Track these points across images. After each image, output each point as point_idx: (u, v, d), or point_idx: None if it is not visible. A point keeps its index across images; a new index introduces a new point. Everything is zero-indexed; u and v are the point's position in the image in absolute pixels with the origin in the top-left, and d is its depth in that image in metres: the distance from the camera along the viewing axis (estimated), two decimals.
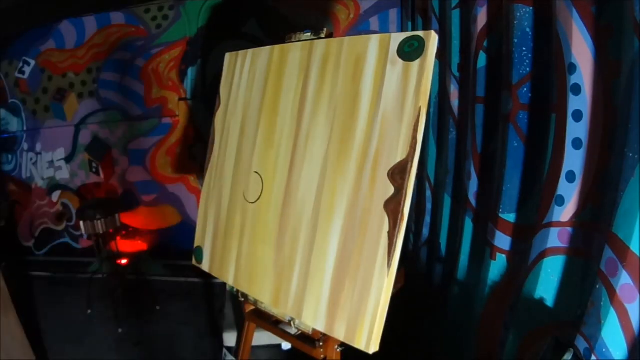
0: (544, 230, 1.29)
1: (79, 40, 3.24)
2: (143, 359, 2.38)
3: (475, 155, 1.74)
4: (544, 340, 1.25)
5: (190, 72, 3.08)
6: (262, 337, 1.82)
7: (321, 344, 1.24)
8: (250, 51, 1.36)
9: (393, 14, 2.77)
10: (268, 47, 1.30)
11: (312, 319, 1.08)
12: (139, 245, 3.34)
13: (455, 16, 1.88)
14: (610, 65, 1.10)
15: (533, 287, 1.32)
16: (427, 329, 2.17)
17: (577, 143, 1.19)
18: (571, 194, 1.22)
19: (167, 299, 2.95)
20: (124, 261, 3.11)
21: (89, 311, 2.82)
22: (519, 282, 1.40)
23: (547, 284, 1.29)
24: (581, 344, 1.06)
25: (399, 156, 0.96)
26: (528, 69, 1.40)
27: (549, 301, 1.29)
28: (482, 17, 1.64)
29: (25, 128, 3.47)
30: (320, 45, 1.16)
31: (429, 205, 2.28)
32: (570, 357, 1.08)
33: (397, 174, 0.95)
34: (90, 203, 2.97)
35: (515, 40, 1.40)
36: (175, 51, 3.09)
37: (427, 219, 2.29)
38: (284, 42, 1.27)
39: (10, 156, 3.56)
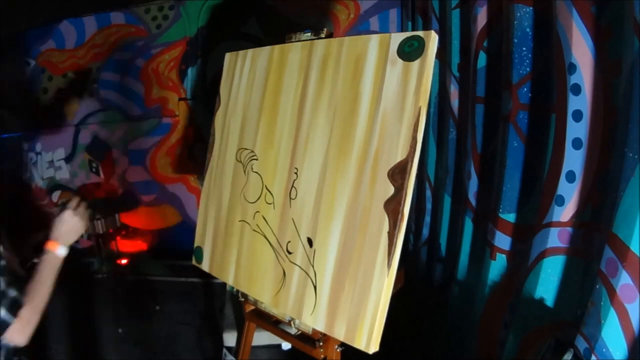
0: (544, 230, 1.29)
1: (79, 40, 3.24)
2: (143, 359, 2.38)
3: (475, 155, 1.74)
4: (544, 340, 1.25)
5: (190, 72, 3.08)
6: (262, 337, 1.82)
7: (321, 344, 1.24)
8: (250, 51, 1.36)
9: (393, 14, 2.77)
10: (268, 47, 1.30)
11: (312, 319, 1.07)
12: (139, 245, 3.34)
13: (455, 16, 1.88)
14: (610, 65, 1.10)
15: (533, 287, 1.32)
16: (427, 329, 2.17)
17: (577, 143, 1.19)
18: (571, 194, 1.22)
19: (167, 299, 2.94)
20: (124, 261, 3.11)
21: (89, 311, 2.82)
22: (519, 282, 1.40)
23: (547, 284, 1.29)
24: (581, 344, 1.06)
25: (399, 156, 0.96)
26: (528, 69, 1.40)
27: (549, 301, 1.29)
28: (482, 17, 1.64)
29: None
30: (320, 45, 1.16)
31: (429, 205, 2.28)
32: (570, 357, 1.08)
33: (397, 173, 0.95)
34: (90, 203, 2.97)
35: (515, 40, 1.40)
36: (175, 51, 3.08)
37: (427, 219, 2.29)
38: (284, 42, 1.27)
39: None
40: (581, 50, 1.15)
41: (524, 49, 1.39)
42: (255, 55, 1.34)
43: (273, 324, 1.41)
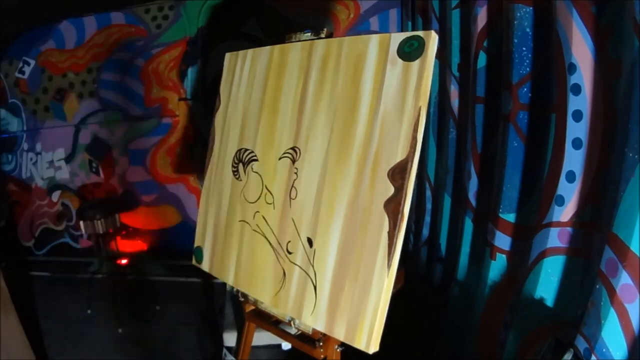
0: (544, 230, 1.29)
1: (79, 40, 3.23)
2: (143, 359, 2.38)
3: (475, 155, 1.74)
4: (544, 340, 1.25)
5: (190, 72, 3.08)
6: (262, 337, 1.82)
7: (321, 344, 1.24)
8: (250, 51, 1.36)
9: (393, 14, 2.77)
10: (268, 47, 1.30)
11: (312, 319, 1.08)
12: (139, 245, 3.34)
13: (455, 16, 1.88)
14: (610, 65, 1.10)
15: (533, 287, 1.32)
16: (427, 329, 2.17)
17: (577, 143, 1.19)
18: (571, 194, 1.22)
19: (167, 299, 2.95)
20: (124, 261, 3.11)
21: (89, 311, 2.82)
22: (519, 282, 1.40)
23: (547, 284, 1.29)
24: (581, 344, 1.06)
25: (399, 156, 0.96)
26: (528, 69, 1.40)
27: (549, 301, 1.29)
28: (482, 17, 1.64)
29: (25, 128, 3.47)
30: (320, 45, 1.16)
31: (429, 205, 2.28)
32: (570, 357, 1.08)
33: (397, 173, 0.95)
34: (90, 203, 2.97)
35: (515, 40, 1.40)
36: (175, 51, 3.08)
37: (427, 219, 2.29)
38: (284, 42, 1.27)
39: (10, 156, 3.56)
40: (581, 50, 1.15)
41: (524, 49, 1.39)
42: (255, 55, 1.34)
43: (273, 324, 1.41)
